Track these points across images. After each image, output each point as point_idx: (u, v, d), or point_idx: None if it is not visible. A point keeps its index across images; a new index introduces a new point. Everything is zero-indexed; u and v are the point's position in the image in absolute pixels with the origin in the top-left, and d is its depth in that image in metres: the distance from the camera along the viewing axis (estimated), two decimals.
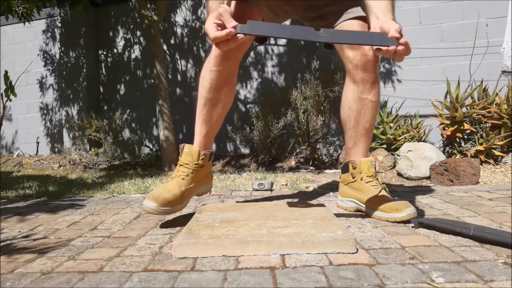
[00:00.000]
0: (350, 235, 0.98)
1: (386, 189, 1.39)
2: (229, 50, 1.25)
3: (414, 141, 2.89)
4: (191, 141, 1.43)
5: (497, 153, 2.69)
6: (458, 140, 2.90)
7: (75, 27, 4.49)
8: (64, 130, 4.50)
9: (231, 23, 1.09)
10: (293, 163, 3.36)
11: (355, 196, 1.41)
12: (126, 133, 4.43)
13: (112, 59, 4.57)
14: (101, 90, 4.62)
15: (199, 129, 1.42)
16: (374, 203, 1.32)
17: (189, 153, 1.38)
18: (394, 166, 2.80)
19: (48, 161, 4.20)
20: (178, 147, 1.45)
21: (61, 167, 3.85)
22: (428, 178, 2.43)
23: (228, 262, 0.92)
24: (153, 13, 3.29)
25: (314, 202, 1.44)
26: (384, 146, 3.02)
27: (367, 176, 1.38)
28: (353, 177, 1.42)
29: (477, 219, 1.27)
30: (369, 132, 1.43)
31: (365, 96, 1.37)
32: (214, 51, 1.35)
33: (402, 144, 2.82)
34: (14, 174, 3.46)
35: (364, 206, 1.36)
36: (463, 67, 3.34)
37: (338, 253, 0.95)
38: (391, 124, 3.08)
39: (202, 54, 4.21)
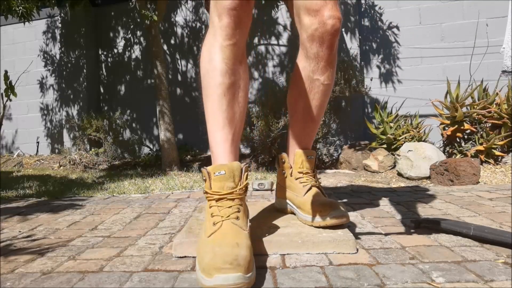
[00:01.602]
0: (350, 235, 0.98)
1: (320, 185, 1.18)
2: (240, 13, 0.99)
3: (414, 141, 2.89)
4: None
5: (497, 153, 2.69)
6: (458, 140, 2.90)
7: (75, 27, 4.49)
8: (65, 130, 4.50)
9: None
10: None
11: (288, 195, 1.21)
12: (127, 133, 4.43)
13: (112, 59, 4.57)
14: (101, 90, 4.62)
15: (223, 135, 1.00)
16: (300, 203, 1.13)
17: (229, 174, 0.92)
18: (394, 166, 2.79)
19: (48, 161, 4.20)
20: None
21: (61, 167, 3.85)
22: (428, 178, 2.43)
23: None
24: (153, 13, 3.29)
25: None
26: (384, 146, 3.03)
27: (299, 172, 1.17)
28: (283, 173, 1.22)
29: (477, 219, 1.27)
30: (316, 120, 1.20)
31: (317, 77, 1.12)
32: (221, 20, 1.01)
33: (402, 144, 2.83)
34: (14, 174, 3.46)
35: (295, 207, 1.17)
36: (463, 67, 3.35)
37: (338, 253, 0.95)
38: (391, 124, 3.08)
39: None
